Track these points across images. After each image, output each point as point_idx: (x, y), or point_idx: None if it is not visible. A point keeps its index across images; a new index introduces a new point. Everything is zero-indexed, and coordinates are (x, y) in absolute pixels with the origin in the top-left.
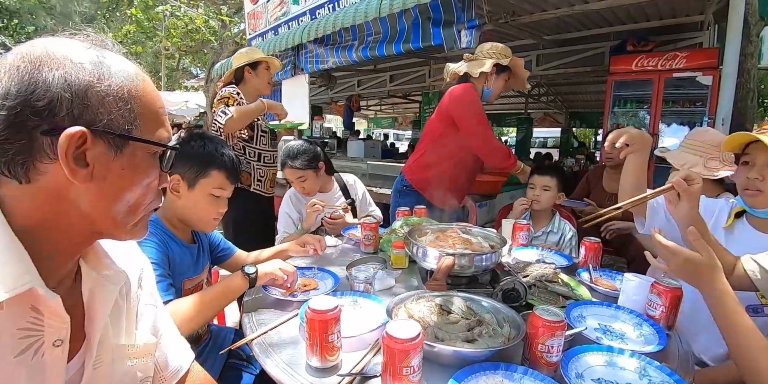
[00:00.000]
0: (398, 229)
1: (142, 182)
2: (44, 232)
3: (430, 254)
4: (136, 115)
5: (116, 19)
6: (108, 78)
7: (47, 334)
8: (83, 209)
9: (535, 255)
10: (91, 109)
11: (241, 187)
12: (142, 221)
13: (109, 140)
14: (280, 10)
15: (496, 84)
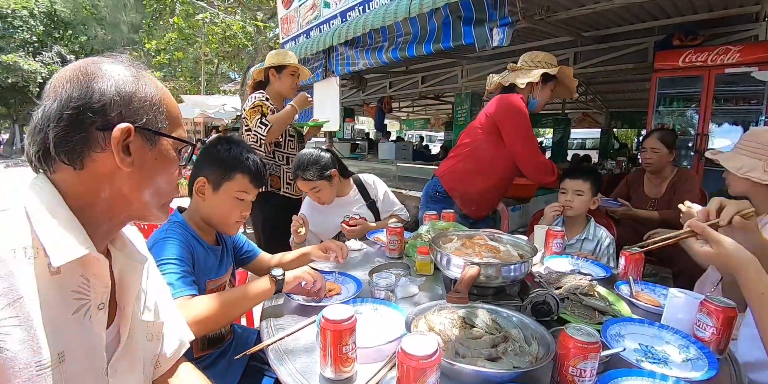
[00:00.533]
0: (424, 234)
1: (168, 171)
2: (91, 211)
3: (454, 263)
4: (165, 117)
5: (159, 27)
6: (145, 87)
7: (93, 298)
8: (124, 191)
9: (570, 264)
10: (134, 110)
11: (271, 190)
12: (165, 206)
13: (146, 135)
14: (312, 13)
15: (543, 94)
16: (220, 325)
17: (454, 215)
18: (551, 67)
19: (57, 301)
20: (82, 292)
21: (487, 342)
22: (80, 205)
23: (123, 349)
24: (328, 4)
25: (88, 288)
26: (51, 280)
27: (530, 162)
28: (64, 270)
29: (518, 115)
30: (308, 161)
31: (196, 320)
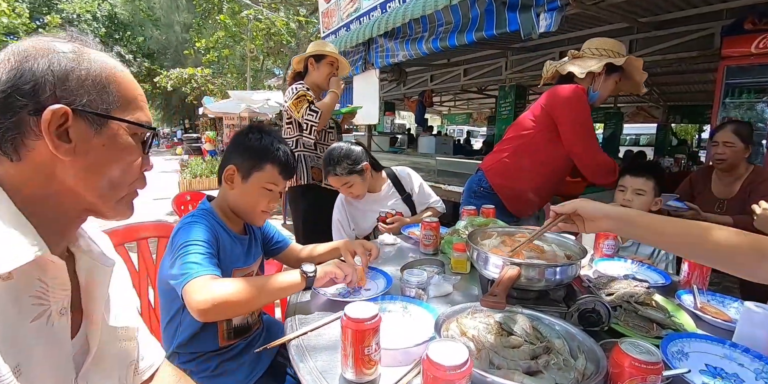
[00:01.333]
0: (461, 230)
1: (123, 160)
2: (38, 207)
3: (491, 262)
4: (115, 98)
5: (208, 26)
6: (88, 64)
7: (53, 303)
8: (69, 183)
9: (623, 269)
10: (71, 90)
11: (313, 183)
12: (126, 199)
13: (89, 118)
14: (352, 6)
15: (605, 86)
16: (239, 312)
17: (494, 211)
18: (618, 56)
19: (11, 308)
20: (41, 297)
21: (526, 352)
22: (25, 200)
23: (93, 359)
24: None
25: (47, 292)
26: (3, 286)
27: (589, 160)
28: (17, 274)
29: (578, 107)
30: (339, 156)
31: (216, 302)
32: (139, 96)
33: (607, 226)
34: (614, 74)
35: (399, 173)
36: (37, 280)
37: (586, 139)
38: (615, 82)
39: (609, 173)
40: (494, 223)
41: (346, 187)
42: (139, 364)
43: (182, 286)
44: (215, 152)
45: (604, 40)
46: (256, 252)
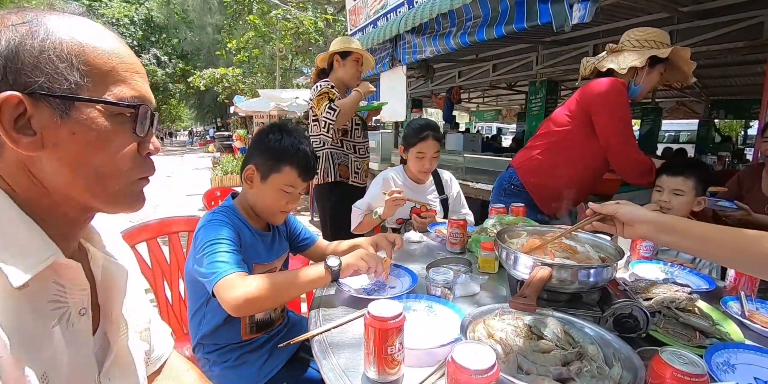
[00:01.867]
0: (489, 229)
1: (103, 148)
2: (36, 209)
3: (521, 262)
4: (83, 74)
5: (239, 27)
6: (43, 36)
7: (71, 304)
8: (50, 180)
9: (662, 272)
10: (24, 71)
11: (340, 180)
12: (127, 190)
13: (51, 103)
14: (379, 3)
15: (648, 79)
16: (268, 306)
17: (523, 209)
18: (662, 47)
19: (31, 317)
20: (59, 300)
21: (557, 358)
22: (23, 203)
23: (115, 356)
24: None
25: (64, 294)
26: (20, 295)
27: (626, 158)
28: (32, 281)
29: (616, 100)
30: (435, 125)
31: (248, 297)
32: (118, 66)
33: (644, 232)
34: (659, 66)
35: (442, 176)
36: (53, 283)
37: (623, 135)
38: (660, 74)
39: (645, 173)
40: (524, 222)
41: (436, 155)
42: (150, 355)
43: (213, 284)
44: (245, 150)
45: (646, 31)
46: (279, 248)
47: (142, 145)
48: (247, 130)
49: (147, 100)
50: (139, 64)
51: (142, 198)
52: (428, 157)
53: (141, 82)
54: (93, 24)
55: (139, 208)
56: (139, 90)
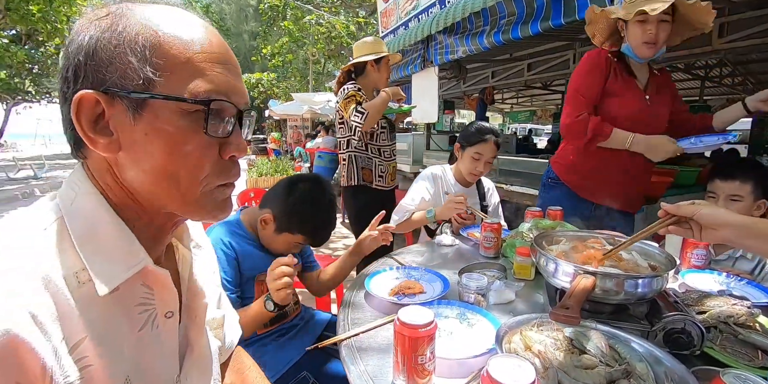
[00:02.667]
0: (525, 233)
1: (179, 150)
2: (125, 210)
3: (561, 270)
4: (157, 68)
5: (273, 33)
6: (121, 28)
7: (158, 307)
8: (132, 183)
9: (716, 283)
10: (100, 67)
11: (363, 184)
12: (206, 198)
13: (124, 101)
14: (410, 4)
15: (630, 34)
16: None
17: (561, 213)
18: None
19: (119, 322)
20: (146, 303)
21: (601, 375)
22: (115, 204)
23: (195, 355)
24: None
25: (152, 298)
26: (110, 299)
27: (562, 130)
28: (123, 285)
29: (576, 70)
30: (499, 132)
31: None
32: (195, 56)
33: (729, 236)
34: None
35: (485, 182)
36: (141, 285)
37: (567, 102)
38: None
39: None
40: (561, 227)
41: (487, 160)
42: (222, 349)
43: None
44: (279, 152)
45: None
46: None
47: (224, 146)
48: (281, 132)
49: (229, 94)
50: (225, 53)
51: (227, 206)
52: (484, 160)
53: (223, 73)
54: (179, 12)
55: (224, 217)
56: (217, 83)
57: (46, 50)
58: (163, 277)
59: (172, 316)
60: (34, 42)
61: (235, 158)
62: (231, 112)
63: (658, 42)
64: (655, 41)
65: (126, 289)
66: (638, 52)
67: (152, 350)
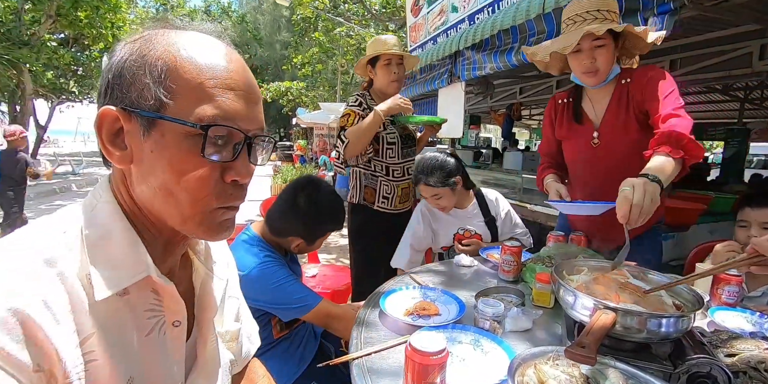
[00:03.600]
0: (546, 258)
1: (178, 170)
2: (137, 220)
3: (580, 303)
4: (169, 90)
5: (304, 43)
6: (146, 51)
7: (167, 315)
8: (139, 196)
9: (749, 323)
10: (123, 86)
11: (364, 203)
12: (203, 219)
13: (138, 119)
14: (440, 19)
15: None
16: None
17: (585, 239)
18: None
19: (129, 323)
20: (155, 309)
21: None
22: (128, 213)
23: (201, 367)
24: (456, 8)
25: (161, 305)
26: (120, 302)
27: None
28: (133, 290)
29: None
30: (432, 166)
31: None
32: (207, 81)
33: None
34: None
35: (486, 195)
36: (151, 292)
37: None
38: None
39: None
40: (585, 254)
41: (434, 199)
42: (239, 358)
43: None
44: (305, 159)
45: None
46: (296, 270)
47: (227, 170)
48: (307, 140)
49: (236, 119)
50: (240, 80)
51: (224, 228)
52: (430, 200)
53: (233, 99)
54: (204, 39)
55: (222, 239)
56: (225, 108)
57: (91, 53)
58: (168, 288)
59: (179, 325)
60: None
61: (237, 183)
62: (238, 138)
63: (599, 69)
64: (593, 70)
65: (136, 293)
66: (583, 81)
67: (158, 356)
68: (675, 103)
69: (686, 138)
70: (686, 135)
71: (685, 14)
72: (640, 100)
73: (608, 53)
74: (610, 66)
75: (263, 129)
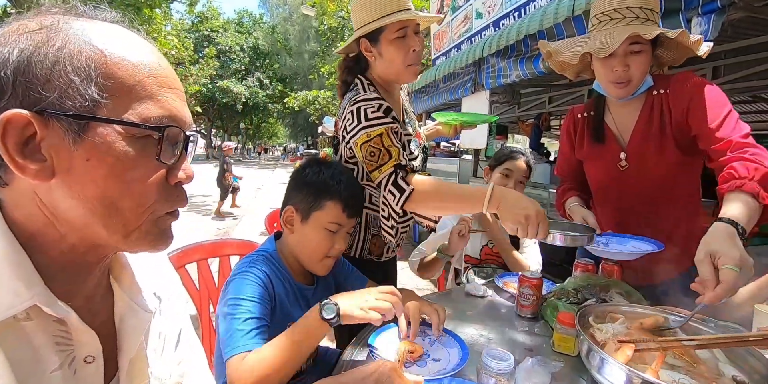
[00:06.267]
0: (571, 292)
1: (126, 177)
2: (42, 241)
3: (609, 371)
4: (102, 89)
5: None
6: (60, 43)
7: (77, 348)
8: (62, 212)
9: None
10: (34, 85)
11: (369, 258)
12: (149, 228)
13: (63, 123)
14: (464, 26)
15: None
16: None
17: (618, 269)
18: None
19: (27, 355)
20: (62, 343)
21: None
22: (27, 235)
23: None
24: (481, 14)
25: (69, 336)
26: (21, 327)
27: None
28: (35, 316)
29: None
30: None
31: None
32: (146, 79)
33: None
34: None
35: None
36: (54, 321)
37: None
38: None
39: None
40: (617, 287)
41: (517, 179)
42: None
43: (226, 357)
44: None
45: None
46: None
47: (171, 172)
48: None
49: (178, 120)
50: (174, 78)
51: (167, 236)
52: (514, 179)
53: (173, 98)
54: (124, 32)
55: (163, 249)
56: (169, 108)
57: None
58: (70, 317)
59: (93, 361)
60: None
61: (180, 184)
62: (179, 138)
63: (632, 79)
64: (625, 80)
65: (40, 321)
66: (609, 92)
67: None
68: (739, 127)
69: None
70: None
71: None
72: (682, 116)
73: (645, 61)
74: (643, 76)
75: (192, 127)
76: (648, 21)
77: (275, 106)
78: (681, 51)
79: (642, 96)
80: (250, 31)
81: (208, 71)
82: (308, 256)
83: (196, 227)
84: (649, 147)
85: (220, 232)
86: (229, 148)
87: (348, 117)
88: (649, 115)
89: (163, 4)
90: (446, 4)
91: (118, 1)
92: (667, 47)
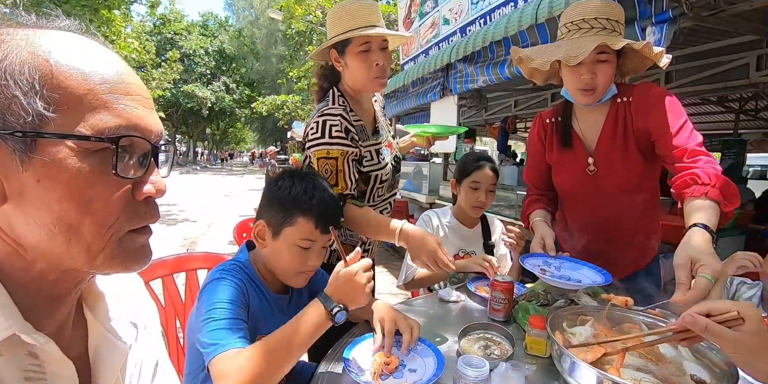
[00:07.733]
0: (541, 293)
1: (83, 196)
2: (9, 269)
3: (581, 373)
4: (50, 102)
5: (299, 57)
6: (0, 55)
7: (50, 381)
8: (23, 237)
9: None
10: None
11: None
12: (116, 248)
13: (8, 142)
14: (432, 32)
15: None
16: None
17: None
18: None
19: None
20: (33, 378)
21: None
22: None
23: None
24: (448, 20)
25: (42, 370)
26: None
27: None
28: (4, 350)
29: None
30: (492, 159)
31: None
32: (98, 87)
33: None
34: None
35: (490, 219)
36: (26, 355)
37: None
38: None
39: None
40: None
41: (487, 189)
42: None
43: (209, 359)
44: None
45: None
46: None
47: (138, 186)
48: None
49: (141, 129)
50: (136, 84)
51: (144, 255)
52: (484, 189)
53: (132, 106)
54: (76, 39)
55: (139, 268)
56: (127, 117)
57: None
58: (48, 348)
59: None
60: None
61: (151, 199)
62: (144, 148)
63: (597, 87)
64: (591, 87)
65: (9, 357)
66: (576, 99)
67: None
68: (693, 136)
69: (735, 190)
70: (734, 186)
71: (683, 24)
72: (643, 124)
73: (610, 70)
74: (609, 84)
75: (161, 135)
76: (614, 32)
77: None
78: (642, 61)
79: (607, 103)
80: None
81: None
82: (282, 270)
83: (160, 236)
84: (615, 152)
85: (187, 243)
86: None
87: (313, 126)
88: (614, 122)
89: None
90: (414, 10)
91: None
92: (630, 57)
